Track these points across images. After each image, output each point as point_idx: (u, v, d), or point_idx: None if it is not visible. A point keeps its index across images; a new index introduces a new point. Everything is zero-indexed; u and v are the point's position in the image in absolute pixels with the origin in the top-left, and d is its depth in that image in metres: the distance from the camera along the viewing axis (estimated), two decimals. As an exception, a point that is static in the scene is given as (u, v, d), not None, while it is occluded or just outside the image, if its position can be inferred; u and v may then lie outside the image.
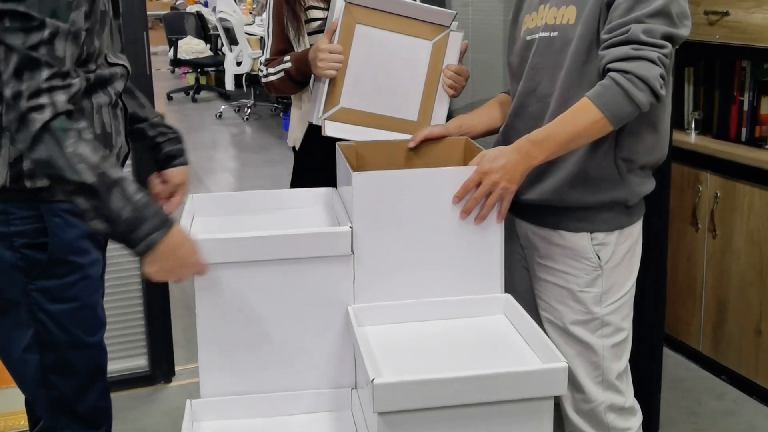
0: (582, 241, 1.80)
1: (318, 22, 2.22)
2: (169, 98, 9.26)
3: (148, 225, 1.49)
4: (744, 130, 2.95)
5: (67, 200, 1.51)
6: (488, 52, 2.88)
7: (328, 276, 1.67)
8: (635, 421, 1.91)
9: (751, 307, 2.81)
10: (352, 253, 1.67)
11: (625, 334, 1.87)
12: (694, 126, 3.11)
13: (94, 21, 1.56)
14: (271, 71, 2.22)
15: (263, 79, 2.25)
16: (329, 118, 2.07)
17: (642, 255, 1.92)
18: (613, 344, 1.84)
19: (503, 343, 1.64)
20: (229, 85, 8.40)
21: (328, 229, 1.73)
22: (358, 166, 1.88)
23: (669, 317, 2.90)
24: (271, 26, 2.25)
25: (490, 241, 1.71)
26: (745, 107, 2.94)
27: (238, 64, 8.25)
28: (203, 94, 9.49)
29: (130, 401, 2.93)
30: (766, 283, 2.75)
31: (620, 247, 1.82)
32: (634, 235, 1.86)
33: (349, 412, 1.73)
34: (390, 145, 1.97)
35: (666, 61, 1.64)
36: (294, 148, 2.35)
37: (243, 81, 8.60)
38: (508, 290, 1.76)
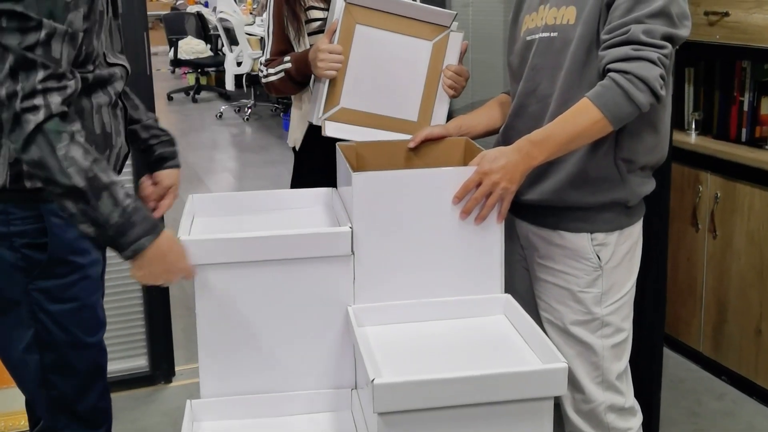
0: (582, 241, 1.80)
1: (318, 23, 2.22)
2: (170, 98, 9.26)
3: (137, 230, 1.50)
4: (744, 131, 2.95)
5: (57, 203, 1.50)
6: (488, 53, 2.88)
7: (328, 276, 1.67)
8: (635, 422, 1.91)
9: (752, 308, 2.81)
10: (352, 254, 1.67)
11: (626, 335, 1.87)
12: (694, 126, 3.11)
13: (93, 21, 1.56)
14: (272, 71, 2.22)
15: (263, 80, 2.25)
16: (329, 119, 2.07)
17: (642, 255, 1.92)
18: (613, 344, 1.84)
19: (503, 344, 1.64)
20: (230, 85, 8.39)
21: (328, 230, 1.73)
22: (358, 167, 1.88)
23: (669, 317, 2.90)
24: (271, 26, 2.25)
25: (490, 241, 1.71)
26: (746, 108, 2.94)
27: (239, 64, 8.25)
28: (203, 94, 9.49)
29: (130, 401, 2.93)
30: (767, 284, 2.75)
31: (620, 247, 1.82)
32: (634, 235, 1.86)
33: (349, 412, 1.73)
34: (390, 146, 1.97)
35: (666, 62, 1.64)
36: (294, 149, 2.35)
37: (243, 81, 8.60)
38: (508, 290, 1.76)
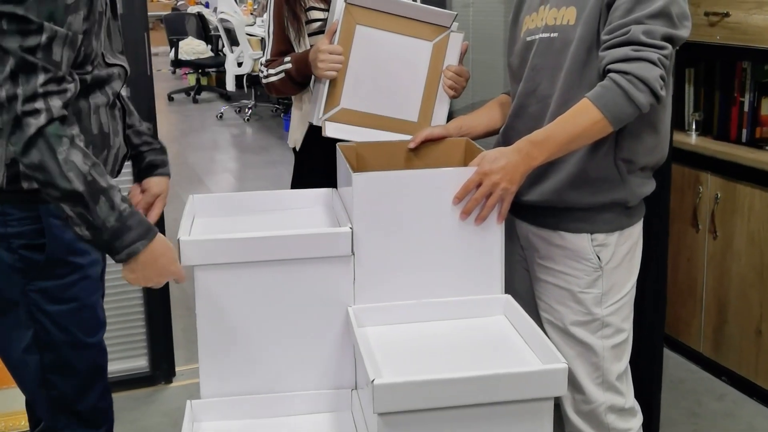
0: (582, 242, 1.80)
1: (318, 23, 2.22)
2: (170, 99, 9.26)
3: (132, 234, 1.50)
4: (744, 131, 2.95)
5: (54, 205, 1.51)
6: (489, 53, 2.88)
7: (329, 277, 1.67)
8: (635, 422, 1.91)
9: (752, 308, 2.81)
10: (353, 254, 1.67)
11: (626, 335, 1.87)
12: (694, 127, 3.11)
13: (92, 22, 1.56)
14: (272, 72, 2.22)
15: (264, 80, 2.26)
16: (329, 119, 2.07)
17: (642, 256, 1.91)
18: (614, 345, 1.84)
19: (503, 344, 1.64)
20: (230, 85, 8.39)
21: (329, 230, 1.73)
22: (359, 167, 1.88)
23: (669, 318, 2.90)
24: (271, 27, 2.25)
25: (491, 241, 1.71)
26: (746, 108, 2.94)
27: (239, 64, 8.25)
28: (204, 94, 9.49)
29: (131, 402, 2.93)
30: (767, 284, 2.75)
31: (620, 248, 1.82)
32: (634, 236, 1.86)
33: (349, 412, 1.73)
34: (390, 146, 1.97)
35: (666, 62, 1.64)
36: (294, 149, 2.35)
37: (244, 82, 8.61)
38: (508, 291, 1.76)
